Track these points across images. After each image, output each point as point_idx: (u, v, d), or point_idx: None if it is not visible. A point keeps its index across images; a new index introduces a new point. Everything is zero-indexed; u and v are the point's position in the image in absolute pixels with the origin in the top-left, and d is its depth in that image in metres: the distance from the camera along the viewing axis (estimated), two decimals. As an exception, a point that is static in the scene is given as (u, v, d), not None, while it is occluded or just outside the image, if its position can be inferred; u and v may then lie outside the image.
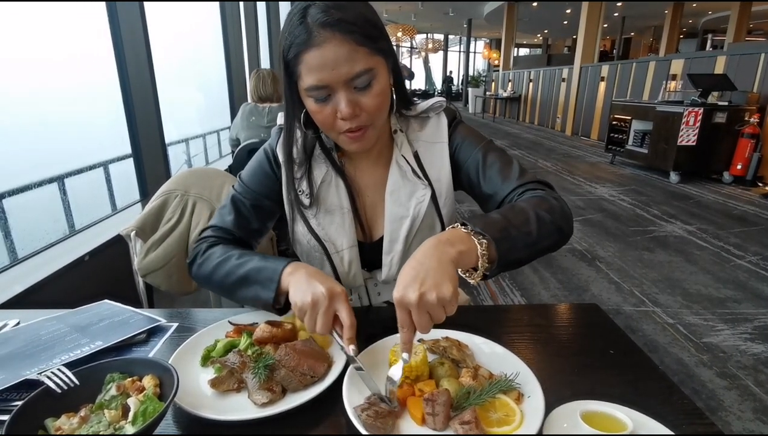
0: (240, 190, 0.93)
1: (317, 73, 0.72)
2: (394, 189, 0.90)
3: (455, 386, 0.63)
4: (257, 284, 0.77)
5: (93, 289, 1.60)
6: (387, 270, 0.91)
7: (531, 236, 0.71)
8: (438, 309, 0.60)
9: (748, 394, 1.84)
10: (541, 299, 2.71)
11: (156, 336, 0.82)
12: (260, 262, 0.79)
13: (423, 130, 0.92)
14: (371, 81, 0.75)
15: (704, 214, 4.26)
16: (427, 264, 0.61)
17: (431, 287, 0.59)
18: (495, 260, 0.67)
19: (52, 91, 2.28)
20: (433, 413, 0.57)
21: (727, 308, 2.54)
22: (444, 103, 0.93)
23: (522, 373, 0.65)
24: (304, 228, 0.90)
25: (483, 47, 24.39)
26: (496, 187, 0.84)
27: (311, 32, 0.70)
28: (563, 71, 10.27)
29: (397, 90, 0.86)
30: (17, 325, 0.84)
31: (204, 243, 0.88)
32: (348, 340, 0.67)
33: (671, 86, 6.00)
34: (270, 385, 0.64)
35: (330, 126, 0.78)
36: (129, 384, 0.60)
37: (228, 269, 0.80)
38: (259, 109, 2.80)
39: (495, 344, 0.74)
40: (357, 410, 0.58)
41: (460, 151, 0.90)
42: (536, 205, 0.75)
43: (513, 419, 0.58)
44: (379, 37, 0.76)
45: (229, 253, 0.83)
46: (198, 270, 0.86)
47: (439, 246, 0.64)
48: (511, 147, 8.33)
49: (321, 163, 0.91)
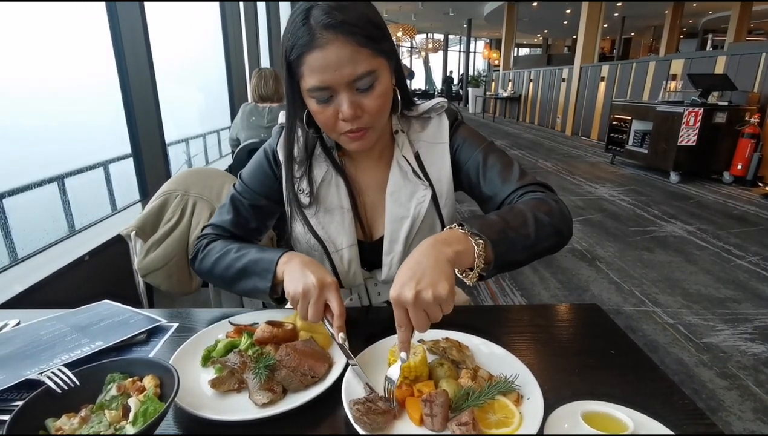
0: (240, 189, 0.94)
1: (320, 74, 0.72)
2: (394, 189, 0.90)
3: (454, 387, 0.63)
4: (255, 275, 0.80)
5: (93, 289, 1.60)
6: (387, 270, 0.91)
7: (529, 238, 0.71)
8: (434, 308, 0.60)
9: (749, 394, 1.84)
10: (541, 299, 2.71)
11: (156, 336, 0.82)
12: (257, 253, 0.82)
13: (424, 130, 0.92)
14: (373, 83, 0.75)
15: (704, 214, 4.26)
16: (424, 263, 0.62)
17: (427, 286, 0.59)
18: (492, 261, 0.68)
19: (52, 90, 2.28)
20: (431, 414, 0.57)
21: (727, 308, 2.54)
22: (446, 104, 0.93)
23: (521, 375, 0.65)
24: (304, 227, 0.90)
25: (483, 47, 24.38)
26: (496, 188, 0.85)
27: (314, 34, 0.71)
28: (563, 71, 10.27)
29: (400, 91, 0.86)
30: (17, 325, 0.84)
31: (204, 239, 0.91)
32: (337, 328, 0.70)
33: (671, 86, 6.00)
34: (270, 385, 0.64)
35: (331, 127, 0.79)
36: (129, 384, 0.60)
37: (227, 263, 0.84)
38: (260, 109, 2.80)
39: (494, 345, 0.74)
40: (351, 403, 0.59)
41: (461, 152, 0.90)
42: (535, 208, 0.75)
43: (512, 421, 0.58)
44: (382, 38, 0.76)
45: (228, 247, 0.86)
46: (200, 265, 0.89)
47: (436, 245, 0.65)
48: (511, 147, 8.33)
49: (321, 163, 0.91)
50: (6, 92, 2.02)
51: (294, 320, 0.79)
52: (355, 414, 0.57)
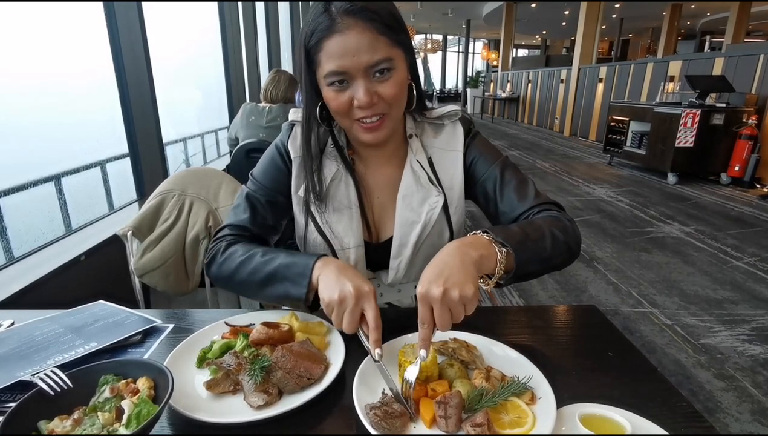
0: (253, 187, 0.92)
1: (337, 59, 0.73)
2: (407, 193, 0.89)
3: (468, 387, 0.62)
4: (287, 281, 0.77)
5: (89, 289, 1.59)
6: (394, 274, 0.91)
7: (546, 251, 0.75)
8: (459, 307, 0.62)
9: (746, 395, 1.84)
10: (539, 300, 2.71)
11: (152, 337, 0.82)
12: (288, 257, 0.78)
13: (438, 136, 0.92)
14: (390, 70, 0.75)
15: (702, 215, 4.27)
16: (451, 263, 0.65)
17: (454, 285, 0.62)
18: (512, 269, 0.71)
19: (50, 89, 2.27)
20: (446, 415, 0.57)
21: (724, 309, 2.55)
22: (459, 112, 0.93)
23: (534, 375, 0.65)
24: (311, 225, 0.89)
25: (482, 48, 24.42)
26: (513, 205, 0.87)
27: (334, 19, 0.72)
28: (562, 72, 10.28)
29: (415, 87, 0.86)
30: (11, 325, 0.83)
31: (222, 242, 0.87)
32: (374, 342, 0.67)
33: (669, 88, 6.02)
34: (266, 387, 0.63)
35: (345, 113, 0.78)
36: (123, 386, 0.60)
37: (253, 267, 0.80)
38: (259, 108, 2.79)
39: (504, 345, 0.74)
40: (367, 408, 0.58)
41: (477, 165, 0.91)
42: (552, 224, 0.79)
43: (525, 421, 0.58)
44: (400, 30, 0.77)
45: (252, 250, 0.82)
46: (219, 270, 0.84)
47: (462, 248, 0.68)
48: (510, 148, 8.34)
49: (332, 160, 0.90)
50: (3, 91, 2.01)
51: (290, 321, 0.78)
52: (373, 419, 0.56)
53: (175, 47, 3.62)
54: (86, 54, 2.37)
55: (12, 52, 2.01)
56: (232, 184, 1.48)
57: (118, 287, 1.37)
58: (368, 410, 0.58)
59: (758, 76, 5.28)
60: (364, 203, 0.91)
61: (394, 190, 0.90)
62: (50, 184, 2.12)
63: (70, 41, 2.31)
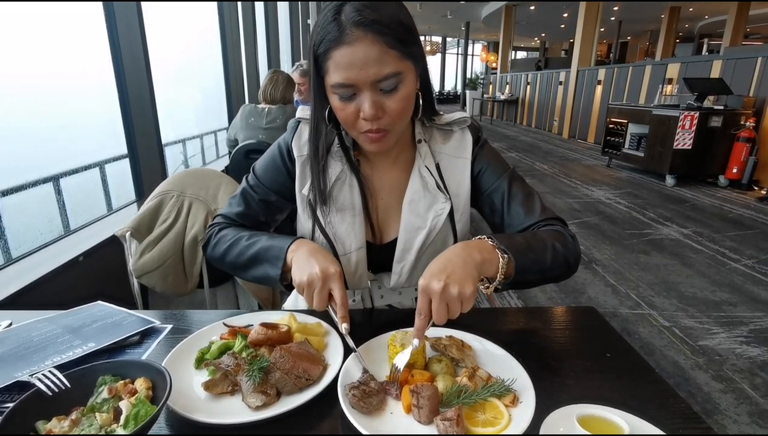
0: (252, 183, 0.95)
1: (345, 71, 0.72)
2: (413, 199, 0.89)
3: (448, 382, 0.64)
4: (266, 263, 0.82)
5: (87, 290, 1.59)
6: (396, 278, 0.91)
7: (545, 263, 0.78)
8: (456, 303, 0.65)
9: (744, 397, 1.84)
10: (537, 301, 2.71)
11: (150, 338, 0.81)
12: (268, 241, 0.84)
13: (446, 143, 0.93)
14: (398, 85, 0.74)
15: (700, 217, 4.28)
16: (455, 261, 0.68)
17: (455, 282, 0.65)
18: (511, 276, 0.73)
19: (49, 90, 2.27)
20: (418, 405, 0.59)
21: (722, 311, 2.55)
22: (469, 119, 0.94)
23: (519, 379, 0.65)
24: (314, 226, 0.90)
25: (481, 50, 24.46)
26: (520, 218, 0.89)
27: (343, 30, 0.71)
28: (560, 74, 10.31)
29: (424, 96, 0.85)
30: (9, 326, 0.83)
31: (216, 227, 0.93)
32: (341, 318, 0.72)
33: (667, 90, 6.04)
34: (264, 388, 0.63)
35: (351, 124, 0.79)
36: (121, 387, 0.59)
37: (239, 250, 0.85)
38: (259, 110, 2.79)
39: (496, 346, 0.74)
40: (346, 388, 0.61)
41: (484, 176, 0.92)
42: (554, 238, 0.82)
43: (499, 422, 0.58)
44: (412, 41, 0.75)
45: (239, 234, 0.88)
46: (212, 252, 0.91)
47: (467, 249, 0.71)
48: (509, 149, 8.35)
49: (337, 161, 0.90)
50: (2, 92, 2.01)
51: (288, 322, 0.78)
52: (351, 400, 0.59)
53: (175, 48, 3.62)
54: (85, 55, 2.37)
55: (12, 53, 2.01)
56: (231, 185, 1.48)
57: (117, 287, 1.37)
58: (347, 391, 0.61)
59: (756, 79, 5.31)
60: (368, 204, 0.91)
61: (399, 193, 0.91)
62: (49, 184, 2.12)
63: (69, 42, 2.31)
